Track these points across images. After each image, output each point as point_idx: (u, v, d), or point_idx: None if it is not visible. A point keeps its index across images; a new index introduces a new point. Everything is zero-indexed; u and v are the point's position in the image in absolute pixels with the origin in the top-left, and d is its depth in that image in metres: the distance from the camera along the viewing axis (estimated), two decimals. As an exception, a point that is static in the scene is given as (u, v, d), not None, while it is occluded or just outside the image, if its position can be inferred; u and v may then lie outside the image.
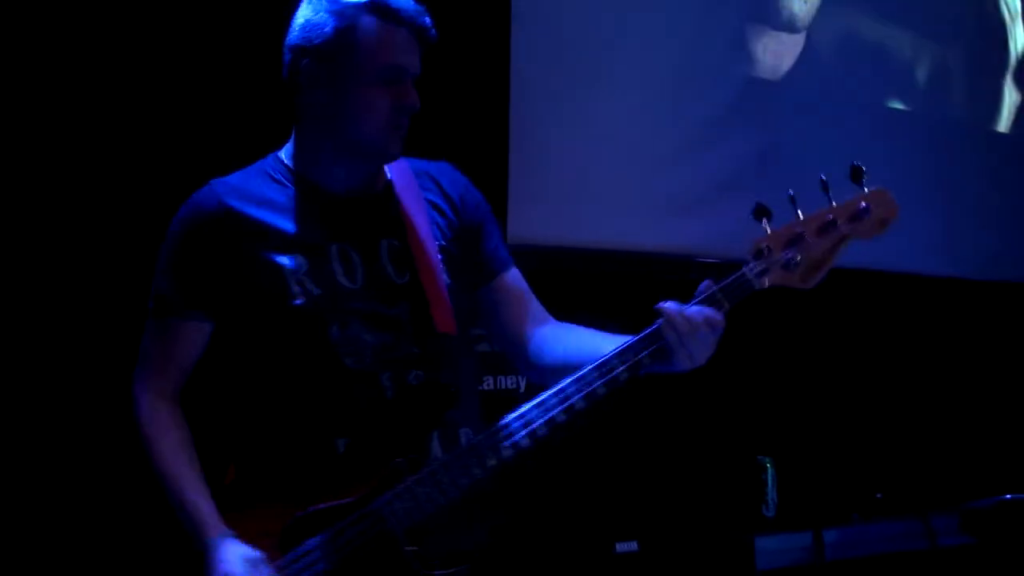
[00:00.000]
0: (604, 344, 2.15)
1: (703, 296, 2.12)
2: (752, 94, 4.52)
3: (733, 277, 2.14)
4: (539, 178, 3.95)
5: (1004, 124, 5.37)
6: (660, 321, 2.09)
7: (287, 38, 2.24)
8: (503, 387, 3.45)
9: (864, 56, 4.90)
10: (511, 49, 3.90)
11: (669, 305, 2.10)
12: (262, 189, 2.24)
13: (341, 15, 2.17)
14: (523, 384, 3.52)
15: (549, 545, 3.44)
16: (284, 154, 2.30)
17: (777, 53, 4.65)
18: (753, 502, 3.95)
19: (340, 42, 2.17)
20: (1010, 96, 5.39)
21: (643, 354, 2.10)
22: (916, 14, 5.07)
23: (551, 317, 2.36)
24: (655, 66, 4.29)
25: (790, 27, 4.70)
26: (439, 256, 2.27)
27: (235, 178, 2.27)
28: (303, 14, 2.22)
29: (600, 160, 4.12)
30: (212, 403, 2.38)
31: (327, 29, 2.18)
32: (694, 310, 2.09)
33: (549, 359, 2.26)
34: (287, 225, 2.20)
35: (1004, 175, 5.27)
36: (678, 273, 4.29)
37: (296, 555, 2.09)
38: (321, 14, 2.19)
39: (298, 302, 2.16)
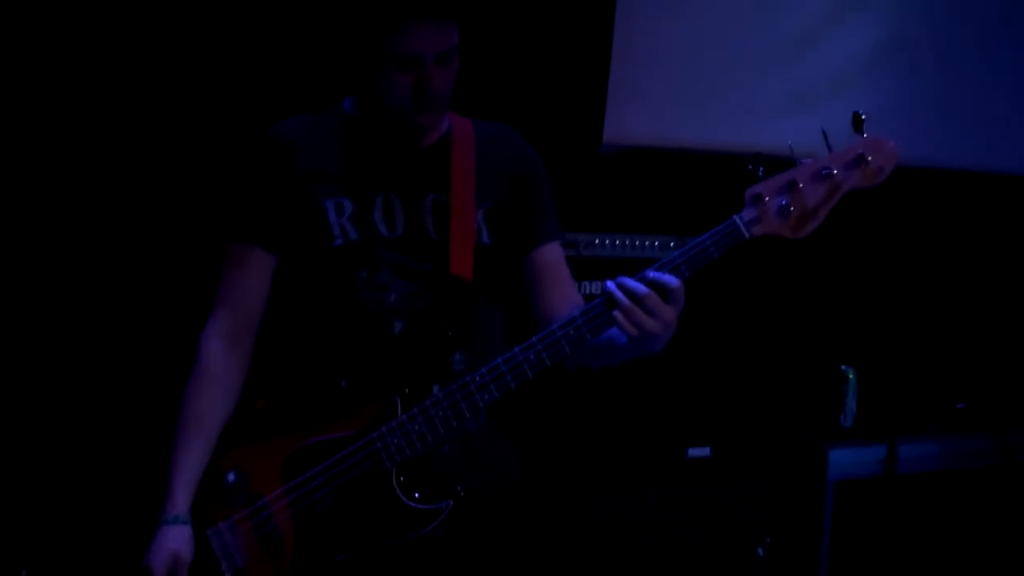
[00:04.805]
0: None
1: (666, 263, 2.09)
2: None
3: (722, 225, 2.10)
4: (641, 77, 3.89)
5: None
6: (599, 298, 2.09)
7: None
8: (588, 292, 3.51)
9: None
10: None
11: (614, 284, 2.08)
12: (323, 134, 2.30)
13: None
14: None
15: (621, 449, 3.53)
16: (347, 103, 2.37)
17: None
18: (831, 411, 3.97)
19: (359, 25, 2.18)
20: None
21: (584, 329, 2.10)
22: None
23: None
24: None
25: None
26: (481, 216, 2.32)
27: (302, 122, 2.33)
28: None
29: (703, 58, 4.03)
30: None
31: (355, 8, 2.18)
32: (637, 284, 2.05)
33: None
34: (339, 170, 2.27)
35: None
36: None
37: (296, 483, 2.20)
38: None
39: (336, 243, 2.24)
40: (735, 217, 2.10)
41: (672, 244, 3.65)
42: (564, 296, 2.39)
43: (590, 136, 3.86)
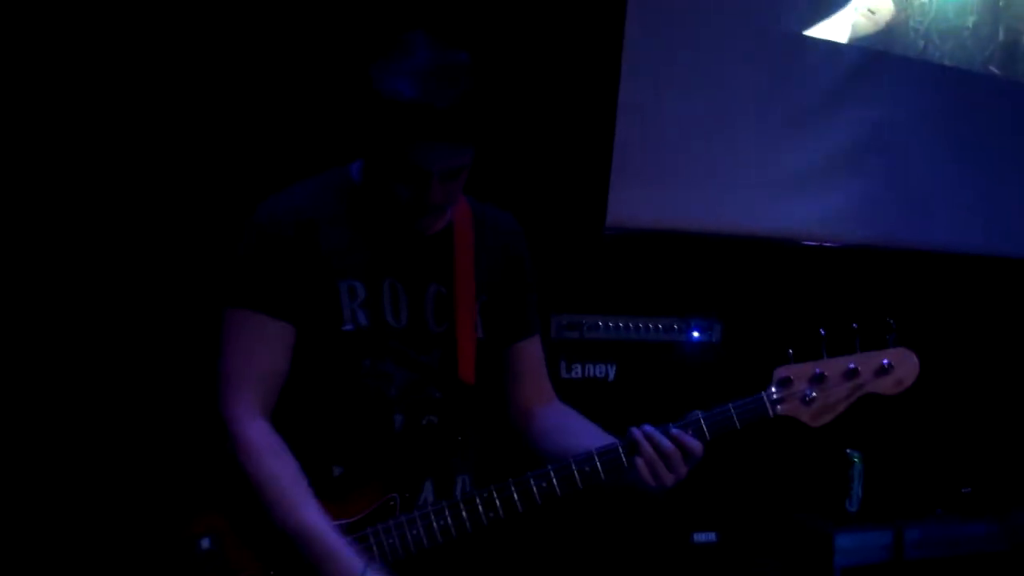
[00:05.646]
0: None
1: (690, 423, 2.18)
2: (864, 69, 4.37)
3: (750, 399, 2.20)
4: (642, 160, 3.90)
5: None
6: (619, 443, 2.16)
7: None
8: (591, 375, 3.50)
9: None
10: (626, 27, 3.82)
11: (641, 434, 2.15)
12: (335, 208, 2.24)
13: (379, 96, 2.08)
14: (612, 373, 3.56)
15: (626, 535, 3.49)
16: (355, 169, 2.30)
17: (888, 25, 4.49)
18: (837, 496, 3.93)
19: (371, 122, 2.12)
20: None
21: (600, 470, 2.15)
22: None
23: (555, 396, 2.44)
24: (764, 42, 4.17)
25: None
26: (479, 308, 2.31)
27: (316, 191, 2.27)
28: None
29: (704, 142, 4.04)
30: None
31: (369, 102, 2.11)
32: (663, 439, 2.14)
33: (549, 448, 2.32)
34: (350, 249, 2.22)
35: None
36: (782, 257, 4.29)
37: (280, 571, 2.14)
38: (380, 81, 2.09)
39: (347, 327, 2.21)
40: (763, 394, 2.21)
41: (675, 326, 3.64)
42: (541, 391, 2.45)
43: (594, 218, 3.87)
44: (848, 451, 3.97)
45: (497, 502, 2.16)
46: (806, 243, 4.32)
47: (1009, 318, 4.78)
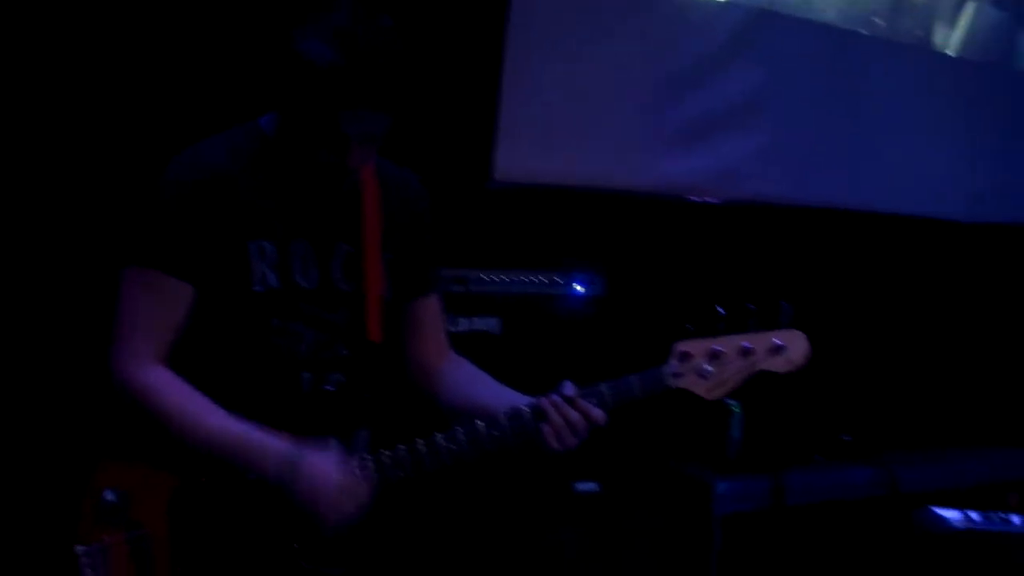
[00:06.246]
0: (500, 403, 2.29)
1: (600, 395, 2.27)
2: (749, 27, 4.44)
3: (650, 372, 2.30)
4: (530, 114, 3.92)
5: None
6: (528, 409, 2.24)
7: None
8: (477, 329, 3.53)
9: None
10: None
11: (549, 403, 2.24)
12: (248, 164, 2.22)
13: (300, 58, 2.07)
14: (497, 327, 3.60)
15: (508, 485, 3.53)
16: (266, 122, 2.28)
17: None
18: (716, 445, 4.00)
19: (291, 84, 2.11)
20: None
21: (510, 436, 2.24)
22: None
23: (453, 351, 2.51)
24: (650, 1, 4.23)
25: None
26: (384, 266, 2.33)
27: (227, 145, 2.24)
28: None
29: (594, 95, 4.08)
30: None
31: (290, 64, 2.09)
32: (574, 414, 2.24)
33: (454, 404, 2.40)
34: (261, 208, 2.22)
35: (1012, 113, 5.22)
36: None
37: (183, 525, 2.16)
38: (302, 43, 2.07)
39: (257, 288, 2.21)
40: (663, 368, 2.31)
41: (560, 280, 3.68)
42: (441, 347, 2.50)
43: (479, 172, 3.89)
44: (727, 400, 4.04)
45: (406, 461, 2.21)
46: (691, 199, 4.38)
47: (888, 271, 4.91)
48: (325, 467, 2.13)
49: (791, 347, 2.30)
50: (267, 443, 2.14)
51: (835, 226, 4.70)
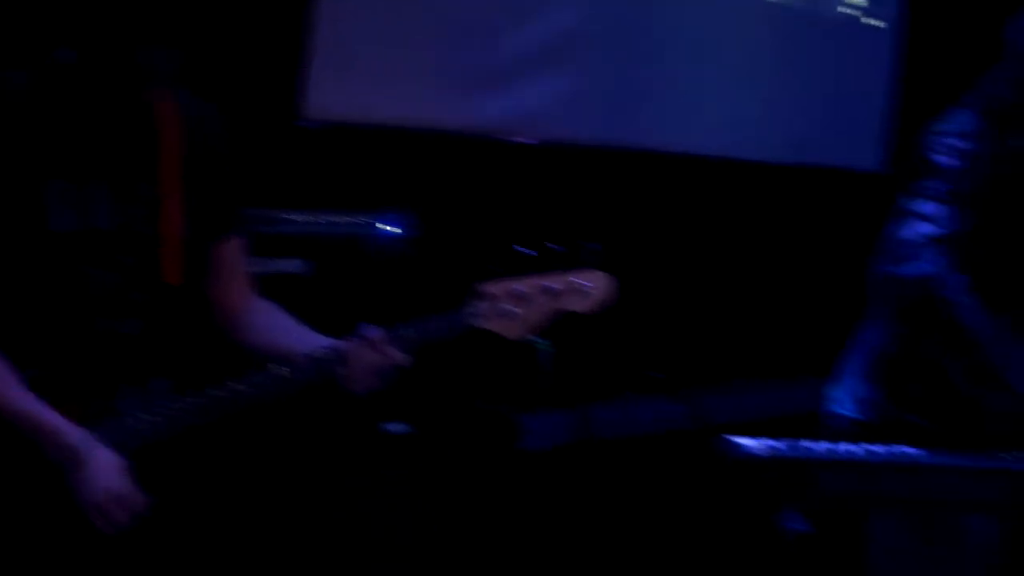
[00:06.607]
0: (304, 347, 2.28)
1: (402, 337, 2.26)
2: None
3: (454, 314, 2.29)
4: (341, 51, 3.86)
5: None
6: (330, 351, 2.24)
7: None
8: (282, 270, 3.48)
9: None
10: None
11: (352, 346, 2.23)
12: (42, 101, 2.17)
13: None
14: (304, 268, 3.56)
15: (315, 427, 3.53)
16: (63, 62, 2.20)
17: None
18: (525, 382, 4.05)
19: (81, 16, 2.07)
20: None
21: (312, 382, 2.26)
22: None
23: (258, 294, 2.47)
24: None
25: None
26: (185, 205, 2.28)
27: (17, 81, 2.18)
28: None
29: (406, 33, 4.04)
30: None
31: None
32: (377, 357, 2.23)
33: (259, 346, 2.37)
34: (59, 148, 2.17)
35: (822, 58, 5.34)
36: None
37: None
38: None
39: (51, 227, 2.16)
40: (466, 310, 2.29)
41: (369, 221, 3.65)
42: (245, 289, 2.46)
43: (287, 109, 3.82)
44: (535, 338, 4.10)
45: (204, 408, 2.19)
46: (504, 139, 4.38)
47: (701, 213, 5.00)
48: (108, 472, 2.12)
49: (595, 287, 2.31)
50: (59, 428, 2.12)
51: (648, 168, 4.76)
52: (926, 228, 2.66)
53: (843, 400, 2.96)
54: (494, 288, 2.29)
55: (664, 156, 4.79)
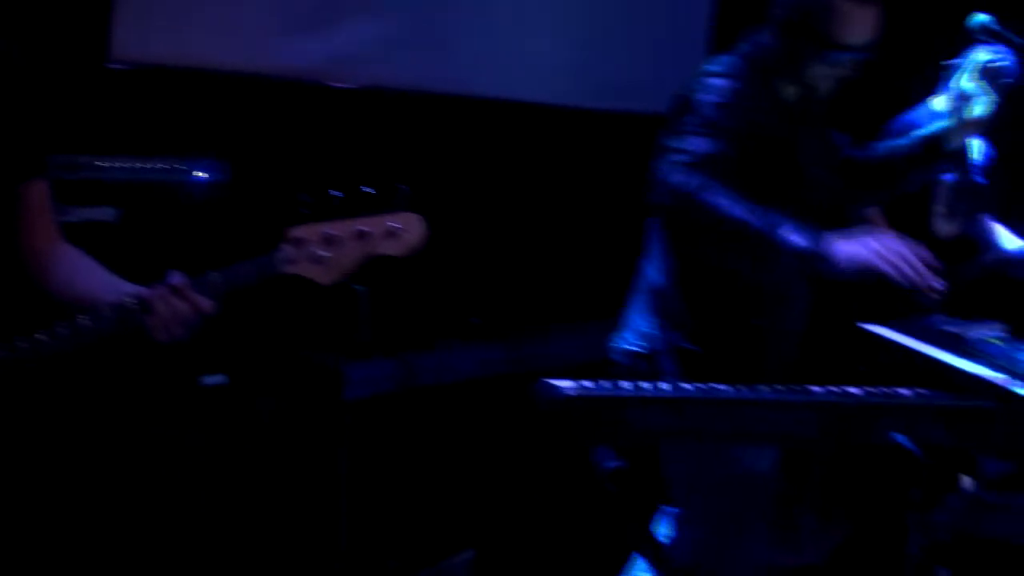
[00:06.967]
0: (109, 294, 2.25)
1: (207, 284, 2.24)
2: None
3: (262, 259, 2.25)
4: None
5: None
6: (134, 299, 2.21)
7: None
8: (90, 219, 3.38)
9: None
10: None
11: (156, 294, 2.21)
12: None
13: None
14: (113, 216, 3.46)
15: (135, 382, 3.46)
16: None
17: None
18: (345, 331, 4.02)
19: None
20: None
21: (115, 331, 2.22)
22: None
23: (64, 240, 2.43)
24: None
25: None
26: None
27: None
28: None
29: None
30: None
31: None
32: (182, 305, 2.20)
33: (65, 293, 2.34)
34: None
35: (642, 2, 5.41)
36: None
37: None
38: None
39: None
40: (274, 254, 2.25)
41: (180, 167, 3.56)
42: (50, 237, 2.41)
43: (97, 51, 3.68)
44: (354, 285, 4.09)
45: (7, 359, 2.15)
46: (319, 83, 4.32)
47: (513, 157, 5.01)
48: None
49: (407, 230, 2.29)
50: None
51: (464, 113, 4.76)
52: (683, 157, 2.73)
53: (627, 336, 3.06)
54: (304, 232, 2.25)
55: (479, 101, 4.79)
